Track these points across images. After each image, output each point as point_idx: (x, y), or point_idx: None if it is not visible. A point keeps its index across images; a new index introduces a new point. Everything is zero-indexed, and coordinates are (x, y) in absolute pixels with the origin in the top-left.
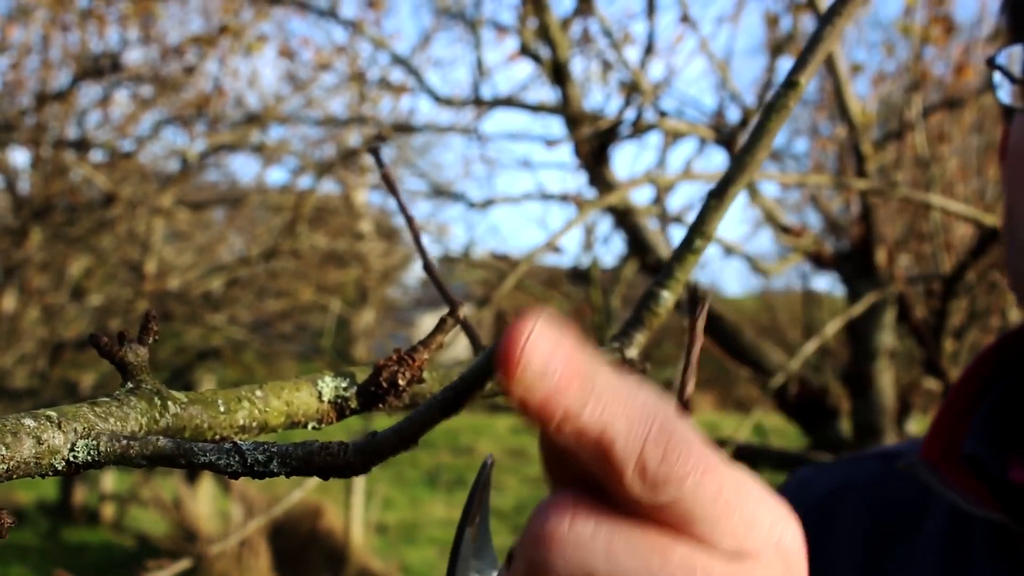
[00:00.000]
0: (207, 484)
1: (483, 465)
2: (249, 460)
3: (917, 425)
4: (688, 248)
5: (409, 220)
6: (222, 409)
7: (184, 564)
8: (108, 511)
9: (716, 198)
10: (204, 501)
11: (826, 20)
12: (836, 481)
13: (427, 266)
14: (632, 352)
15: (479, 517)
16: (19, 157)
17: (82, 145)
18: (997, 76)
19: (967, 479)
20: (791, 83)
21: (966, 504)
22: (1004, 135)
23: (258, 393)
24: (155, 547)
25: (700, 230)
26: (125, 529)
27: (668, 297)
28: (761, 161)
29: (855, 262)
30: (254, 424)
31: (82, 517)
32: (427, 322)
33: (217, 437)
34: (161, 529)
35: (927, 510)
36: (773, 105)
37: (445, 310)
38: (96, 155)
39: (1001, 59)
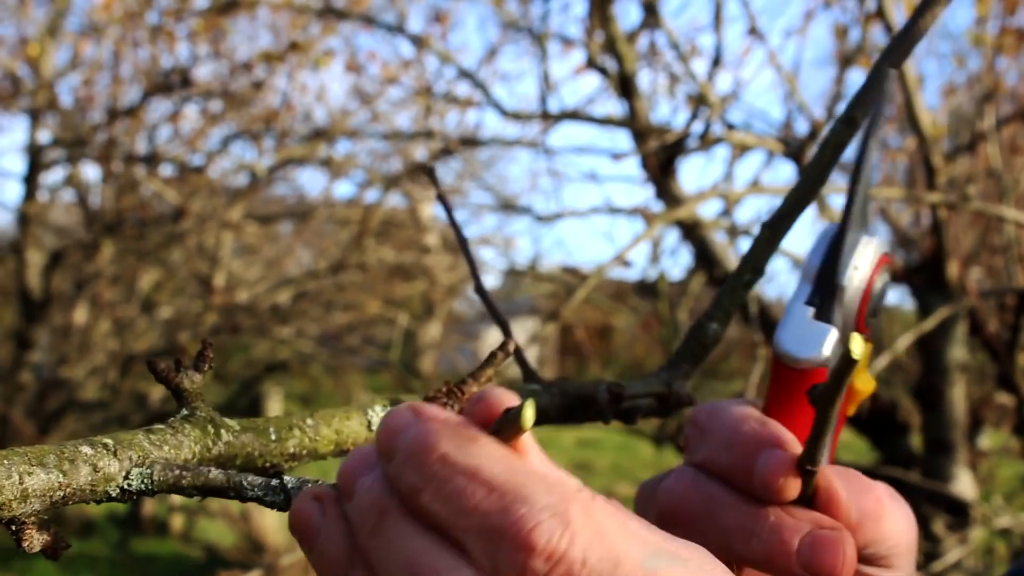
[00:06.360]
0: None
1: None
2: (294, 496)
3: (989, 440)
4: (738, 281)
5: (463, 241)
6: (273, 437)
7: (255, 575)
8: (177, 522)
9: (768, 230)
10: (272, 513)
11: (884, 58)
12: None
13: (479, 289)
14: (680, 383)
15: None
16: (91, 172)
17: (152, 160)
18: None
19: None
20: (848, 120)
21: None
22: None
23: (309, 421)
24: (223, 558)
25: (751, 264)
26: (193, 540)
27: (716, 329)
28: (816, 194)
29: (926, 275)
30: (304, 452)
31: (151, 528)
32: (493, 336)
33: (268, 465)
34: (229, 540)
35: None
36: (829, 141)
37: (514, 322)
38: (166, 169)
39: None
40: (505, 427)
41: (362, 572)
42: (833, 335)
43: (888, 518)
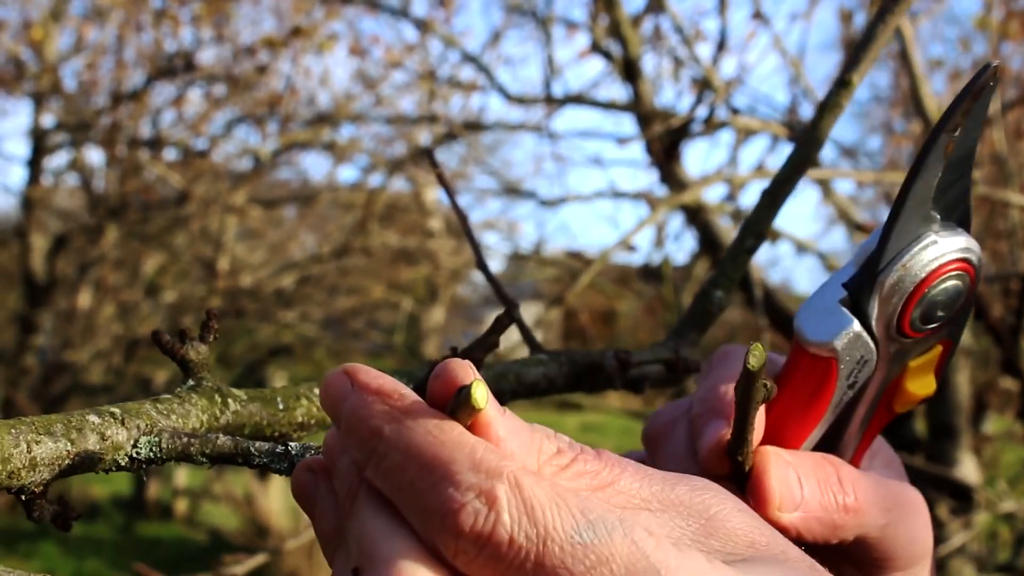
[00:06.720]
0: (278, 480)
1: (985, 68)
2: (297, 464)
3: (993, 425)
4: (740, 247)
5: (463, 219)
6: (281, 407)
7: (260, 559)
8: (181, 506)
9: (769, 197)
10: (276, 497)
11: (879, 18)
12: None
13: (480, 264)
14: (687, 350)
15: (964, 129)
16: (95, 156)
17: (156, 144)
18: None
19: None
20: (843, 82)
21: None
22: None
23: (316, 391)
24: (227, 542)
25: (752, 229)
26: (198, 524)
27: (721, 296)
28: (815, 159)
29: None
30: (312, 421)
31: (156, 512)
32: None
33: (276, 434)
34: (233, 524)
35: None
36: (826, 104)
37: (517, 306)
38: (170, 154)
39: None
40: (459, 407)
41: (344, 552)
42: (854, 328)
43: (870, 527)
